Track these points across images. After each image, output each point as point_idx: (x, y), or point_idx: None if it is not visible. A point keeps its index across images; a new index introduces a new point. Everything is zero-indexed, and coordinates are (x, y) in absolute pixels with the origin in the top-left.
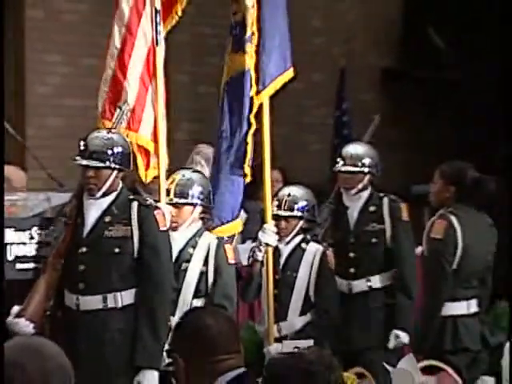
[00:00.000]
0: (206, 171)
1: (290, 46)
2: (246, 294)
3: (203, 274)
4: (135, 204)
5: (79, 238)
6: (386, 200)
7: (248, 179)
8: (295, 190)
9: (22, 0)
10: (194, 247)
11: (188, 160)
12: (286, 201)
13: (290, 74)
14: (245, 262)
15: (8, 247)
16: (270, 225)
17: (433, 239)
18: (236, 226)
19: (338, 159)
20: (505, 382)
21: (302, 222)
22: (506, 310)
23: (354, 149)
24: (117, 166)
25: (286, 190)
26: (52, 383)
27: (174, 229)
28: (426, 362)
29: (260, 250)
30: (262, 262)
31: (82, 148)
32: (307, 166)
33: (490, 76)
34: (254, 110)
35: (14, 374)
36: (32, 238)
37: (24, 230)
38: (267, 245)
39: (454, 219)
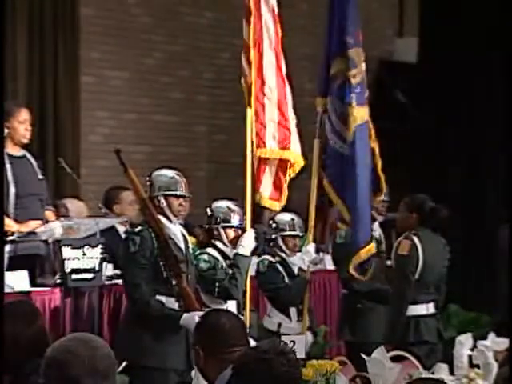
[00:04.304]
0: None
1: None
2: None
3: None
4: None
5: (181, 256)
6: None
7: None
8: (294, 216)
9: (77, 68)
10: None
11: None
12: (293, 224)
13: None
14: (253, 273)
15: (65, 262)
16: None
17: (400, 255)
18: (373, 247)
19: None
20: (456, 369)
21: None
22: (456, 310)
23: None
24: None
25: (287, 216)
26: (99, 367)
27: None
28: (394, 352)
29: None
30: None
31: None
32: (299, 198)
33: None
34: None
35: (69, 358)
36: (84, 254)
37: (78, 248)
38: None
39: (416, 239)
